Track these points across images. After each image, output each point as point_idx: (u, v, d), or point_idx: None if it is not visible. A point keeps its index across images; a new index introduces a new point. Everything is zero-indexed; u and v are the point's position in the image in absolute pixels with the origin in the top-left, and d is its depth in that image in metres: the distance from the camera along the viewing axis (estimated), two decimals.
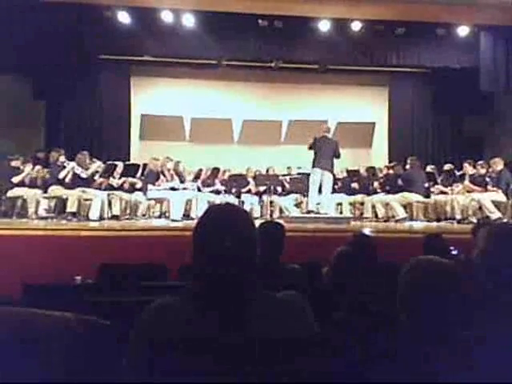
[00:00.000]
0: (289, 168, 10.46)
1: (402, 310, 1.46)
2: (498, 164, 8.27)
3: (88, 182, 8.03)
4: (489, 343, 1.35)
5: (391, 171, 9.39)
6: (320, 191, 7.97)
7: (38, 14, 8.57)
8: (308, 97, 12.11)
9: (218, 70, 11.49)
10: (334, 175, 8.28)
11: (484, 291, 1.68)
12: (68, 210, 7.59)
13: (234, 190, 9.34)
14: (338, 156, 7.98)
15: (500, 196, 8.04)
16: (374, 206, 8.98)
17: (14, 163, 8.39)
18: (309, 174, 8.25)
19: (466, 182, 8.58)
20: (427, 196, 8.78)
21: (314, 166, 7.97)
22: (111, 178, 8.74)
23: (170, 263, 3.92)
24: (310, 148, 8.01)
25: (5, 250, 5.20)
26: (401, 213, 8.36)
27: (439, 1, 8.86)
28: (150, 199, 8.55)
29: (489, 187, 8.14)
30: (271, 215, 9.04)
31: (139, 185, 8.90)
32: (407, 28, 9.62)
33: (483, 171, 8.40)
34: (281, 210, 9.26)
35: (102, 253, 4.91)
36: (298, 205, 9.42)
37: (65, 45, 8.97)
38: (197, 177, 9.63)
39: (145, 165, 8.83)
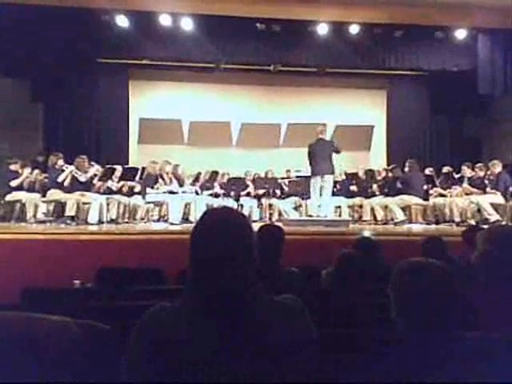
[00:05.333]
0: (288, 171, 10.46)
1: (396, 311, 1.46)
2: (497, 166, 8.28)
3: (87, 186, 8.02)
4: (489, 344, 1.35)
5: (390, 174, 9.39)
6: (320, 194, 7.96)
7: (37, 18, 8.58)
8: (306, 100, 12.13)
9: (217, 74, 11.50)
10: (334, 175, 8.21)
11: (484, 292, 1.68)
12: (67, 213, 7.58)
13: (232, 194, 9.34)
14: (338, 151, 7.91)
15: (499, 198, 8.05)
16: (372, 209, 8.98)
17: (12, 167, 8.37)
18: (308, 177, 8.24)
19: (465, 185, 8.59)
20: (426, 199, 8.79)
21: (313, 174, 7.91)
22: (110, 182, 8.73)
23: (169, 267, 3.91)
24: (310, 160, 7.96)
25: (3, 254, 5.19)
26: (400, 215, 8.36)
27: (437, 4, 8.88)
28: (148, 203, 8.54)
29: (487, 189, 8.15)
30: (270, 218, 9.05)
31: (138, 188, 8.89)
32: (405, 31, 9.64)
33: (482, 173, 8.41)
34: (280, 213, 9.25)
35: (101, 257, 4.91)
36: (296, 208, 9.42)
37: (63, 48, 8.99)
38: (195, 180, 9.63)
39: (143, 168, 8.83)
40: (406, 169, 8.75)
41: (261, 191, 9.52)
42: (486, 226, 5.07)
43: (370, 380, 1.35)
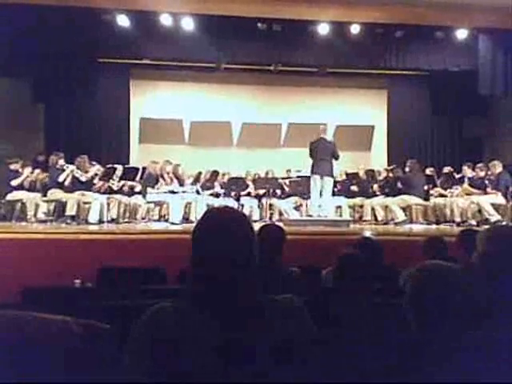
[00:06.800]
0: (288, 171, 10.46)
1: (410, 313, 1.47)
2: (497, 166, 8.29)
3: (87, 186, 8.03)
4: (490, 345, 1.35)
5: (390, 174, 9.39)
6: (321, 194, 7.97)
7: (38, 18, 8.58)
8: (307, 100, 12.12)
9: (217, 74, 11.50)
10: (334, 178, 8.26)
11: (484, 293, 1.68)
12: (67, 213, 7.59)
13: (233, 193, 9.34)
14: (336, 158, 7.95)
15: (499, 198, 8.05)
16: (373, 209, 8.98)
17: (12, 166, 8.38)
18: (308, 177, 8.25)
19: (465, 185, 8.59)
20: (426, 199, 8.79)
21: (312, 172, 7.94)
22: (110, 181, 8.73)
23: (170, 266, 3.92)
24: (311, 155, 8.01)
25: (4, 254, 5.20)
26: (400, 216, 8.36)
27: (438, 4, 8.88)
28: (149, 202, 8.55)
29: (488, 190, 8.15)
30: (271, 218, 9.04)
31: (138, 188, 8.90)
32: (406, 31, 9.63)
33: (482, 174, 8.41)
34: (280, 213, 9.25)
35: (102, 256, 4.91)
36: (297, 208, 9.42)
37: (64, 48, 8.98)
38: (196, 180, 9.63)
39: (144, 168, 8.83)
40: (407, 169, 8.75)
41: (261, 191, 9.51)
42: (485, 227, 5.08)
43: (372, 380, 1.35)
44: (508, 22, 8.90)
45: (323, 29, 9.58)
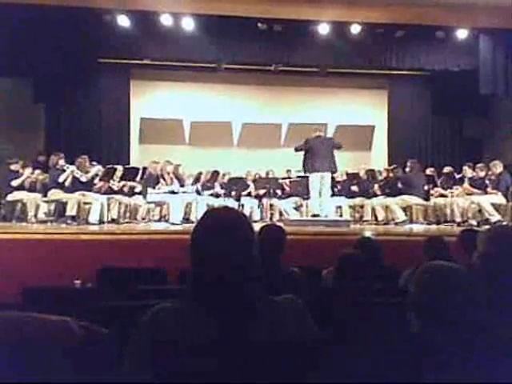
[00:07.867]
0: (288, 171, 10.46)
1: (412, 312, 1.47)
2: (498, 167, 8.28)
3: (88, 186, 8.02)
4: (490, 344, 1.35)
5: (391, 174, 9.39)
6: (320, 194, 7.95)
7: (38, 18, 8.59)
8: (307, 100, 12.12)
9: (218, 74, 11.50)
10: (332, 173, 8.17)
11: (485, 293, 1.68)
12: (68, 213, 7.58)
13: (233, 193, 9.34)
14: (338, 147, 7.92)
15: (500, 198, 8.05)
16: (373, 209, 8.97)
17: (13, 167, 8.38)
18: (308, 177, 8.22)
19: (466, 185, 8.58)
20: (427, 199, 8.78)
21: (310, 171, 7.91)
22: (111, 182, 8.74)
23: (170, 267, 3.92)
24: (297, 150, 7.98)
25: (4, 254, 5.20)
26: (401, 216, 8.36)
27: (438, 4, 8.87)
28: (149, 203, 8.55)
29: (488, 190, 8.14)
30: (271, 218, 9.05)
31: (139, 188, 8.90)
32: (406, 31, 9.62)
33: (483, 174, 8.40)
34: (280, 213, 9.25)
35: (102, 256, 4.91)
36: (297, 208, 9.42)
37: (65, 48, 8.98)
38: (196, 180, 9.63)
39: (144, 168, 8.83)
40: (407, 169, 8.74)
41: (262, 191, 9.51)
42: (486, 227, 5.07)
43: (373, 380, 1.35)
44: (509, 22, 8.92)
45: (323, 29, 9.58)
